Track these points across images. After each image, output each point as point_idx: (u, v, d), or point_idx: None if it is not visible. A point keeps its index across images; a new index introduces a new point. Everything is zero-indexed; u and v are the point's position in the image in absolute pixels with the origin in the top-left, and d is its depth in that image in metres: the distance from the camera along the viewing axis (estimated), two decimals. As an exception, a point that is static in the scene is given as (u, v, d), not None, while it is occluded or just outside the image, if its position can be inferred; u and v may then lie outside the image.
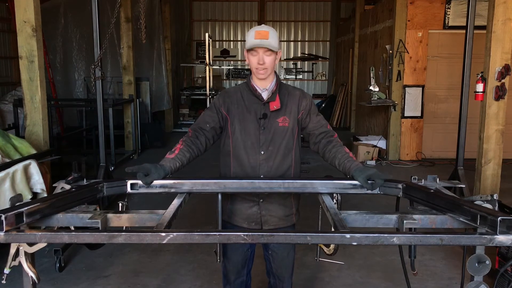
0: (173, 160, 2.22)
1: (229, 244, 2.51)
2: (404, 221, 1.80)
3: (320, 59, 15.33)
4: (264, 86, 2.37)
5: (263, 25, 2.39)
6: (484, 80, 4.53)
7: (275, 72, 2.41)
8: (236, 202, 2.43)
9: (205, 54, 10.30)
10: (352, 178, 2.16)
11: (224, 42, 15.41)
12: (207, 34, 10.11)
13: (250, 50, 2.27)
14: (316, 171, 6.53)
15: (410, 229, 1.87)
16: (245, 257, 2.56)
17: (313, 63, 15.48)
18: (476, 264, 1.64)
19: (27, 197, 3.54)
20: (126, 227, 1.92)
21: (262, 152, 2.34)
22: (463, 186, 3.88)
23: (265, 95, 2.35)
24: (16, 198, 1.79)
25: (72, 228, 1.86)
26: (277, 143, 2.35)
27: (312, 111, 2.43)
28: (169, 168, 2.18)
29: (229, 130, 2.38)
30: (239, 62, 15.37)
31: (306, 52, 15.44)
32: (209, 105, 2.49)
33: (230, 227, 2.47)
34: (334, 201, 2.12)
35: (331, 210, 1.93)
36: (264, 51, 2.25)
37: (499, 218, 1.50)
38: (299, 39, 15.42)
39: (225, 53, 15.32)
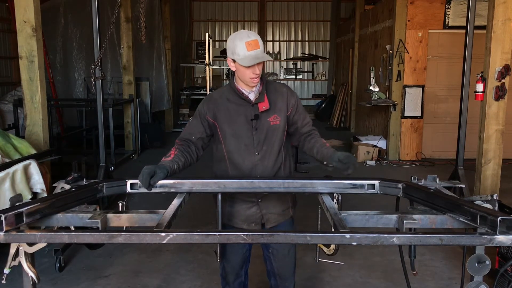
0: (171, 162, 2.22)
1: (229, 246, 2.50)
2: (404, 221, 1.80)
3: (320, 59, 15.33)
4: (250, 88, 2.35)
5: (245, 31, 2.28)
6: (484, 80, 4.53)
7: None
8: (234, 204, 2.43)
9: (205, 54, 10.29)
10: (328, 163, 2.20)
11: (224, 42, 15.40)
12: (207, 34, 10.10)
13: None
14: (316, 171, 6.52)
15: (410, 229, 1.87)
16: (244, 258, 2.56)
17: (313, 63, 15.48)
18: (476, 264, 1.64)
19: (27, 197, 3.54)
20: (126, 227, 1.92)
21: (257, 153, 2.35)
22: (463, 186, 3.88)
23: (252, 97, 2.34)
24: (16, 198, 1.79)
25: (72, 228, 1.86)
26: (270, 142, 2.37)
27: (299, 109, 2.45)
28: (169, 167, 2.18)
29: (220, 135, 2.38)
30: (239, 62, 15.36)
31: (306, 52, 15.45)
32: (194, 114, 2.46)
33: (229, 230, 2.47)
34: (335, 201, 2.12)
35: (331, 210, 1.93)
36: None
37: (499, 218, 1.50)
38: (299, 39, 15.42)
39: (225, 53, 15.30)
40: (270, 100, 2.35)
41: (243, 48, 2.19)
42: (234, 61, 2.25)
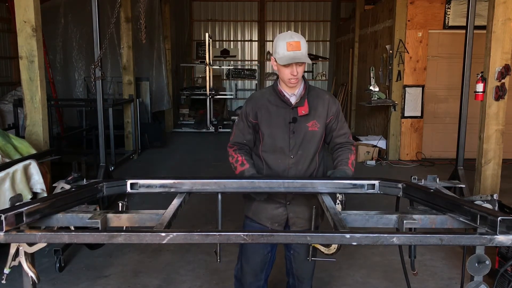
0: (252, 169, 2.34)
1: (249, 245, 2.51)
2: (404, 221, 1.80)
3: (320, 59, 15.33)
4: (292, 91, 2.38)
5: (291, 32, 2.33)
6: (484, 80, 4.53)
7: (303, 76, 2.41)
8: (262, 201, 2.45)
9: (205, 54, 10.31)
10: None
11: (224, 42, 15.41)
12: (207, 34, 10.13)
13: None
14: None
15: (410, 229, 1.87)
16: (265, 260, 2.55)
17: (313, 63, 15.46)
18: (476, 264, 1.64)
19: (27, 197, 3.54)
20: (126, 227, 1.92)
21: (292, 156, 2.37)
22: (463, 186, 3.88)
23: (293, 100, 2.37)
24: (16, 198, 1.79)
25: (72, 228, 1.86)
26: (306, 147, 2.38)
27: (339, 118, 2.46)
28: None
29: (260, 135, 2.42)
30: (239, 62, 15.37)
31: (306, 52, 15.43)
32: (239, 115, 2.51)
33: (253, 225, 2.49)
34: (338, 201, 2.12)
35: (331, 210, 1.93)
36: (298, 63, 2.26)
37: (499, 218, 1.50)
38: (299, 39, 15.40)
39: (225, 53, 15.31)
40: (311, 105, 2.37)
41: (283, 47, 2.25)
42: (276, 60, 2.31)
